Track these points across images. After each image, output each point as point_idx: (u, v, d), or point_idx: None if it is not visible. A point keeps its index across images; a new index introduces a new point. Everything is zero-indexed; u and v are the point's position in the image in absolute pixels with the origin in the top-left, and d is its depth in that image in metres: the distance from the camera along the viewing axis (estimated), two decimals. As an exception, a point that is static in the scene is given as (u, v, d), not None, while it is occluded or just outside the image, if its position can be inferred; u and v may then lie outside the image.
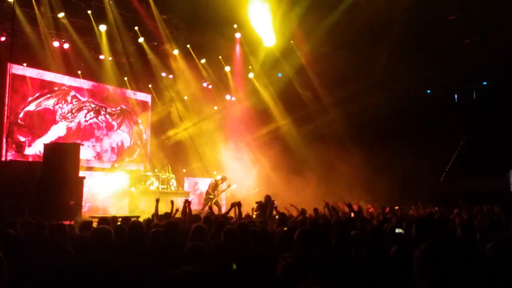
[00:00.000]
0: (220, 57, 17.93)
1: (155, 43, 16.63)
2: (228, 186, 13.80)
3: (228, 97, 19.95)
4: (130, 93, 18.57)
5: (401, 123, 16.94)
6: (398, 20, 14.82)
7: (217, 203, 13.17)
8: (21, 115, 15.09)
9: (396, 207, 9.86)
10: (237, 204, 7.85)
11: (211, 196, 13.16)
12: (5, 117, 13.94)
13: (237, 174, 16.36)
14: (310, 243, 4.15)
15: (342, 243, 4.20)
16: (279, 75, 18.86)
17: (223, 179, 13.73)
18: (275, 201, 8.50)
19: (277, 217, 7.31)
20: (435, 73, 17.63)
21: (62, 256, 4.37)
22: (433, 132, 17.33)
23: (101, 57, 16.29)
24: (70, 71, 16.08)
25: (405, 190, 15.68)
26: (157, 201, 8.04)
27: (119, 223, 7.13)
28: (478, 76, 18.61)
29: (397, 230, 5.36)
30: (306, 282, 2.59)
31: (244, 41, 17.41)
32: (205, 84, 19.25)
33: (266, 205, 8.92)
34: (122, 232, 5.10)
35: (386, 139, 17.01)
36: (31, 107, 15.41)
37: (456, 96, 20.41)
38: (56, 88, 16.14)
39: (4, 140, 14.02)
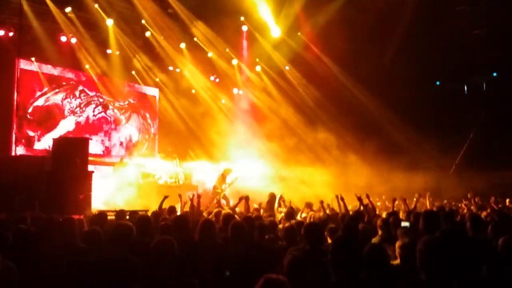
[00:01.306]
0: (227, 49, 17.88)
1: (162, 37, 16.61)
2: (235, 179, 13.77)
3: (235, 90, 19.91)
4: (138, 87, 18.62)
5: (410, 115, 16.80)
6: (408, 11, 14.69)
7: (225, 197, 13.15)
8: (30, 110, 15.17)
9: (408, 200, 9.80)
10: (245, 198, 7.87)
11: (218, 190, 13.15)
12: (14, 112, 14.08)
13: (246, 168, 16.34)
14: (316, 236, 4.16)
15: (349, 236, 4.20)
16: (287, 68, 18.77)
17: (227, 171, 13.69)
18: (283, 195, 8.49)
19: (284, 210, 7.32)
20: (445, 65, 17.47)
21: (72, 250, 4.40)
22: (443, 124, 17.20)
23: (109, 51, 16.30)
24: (78, 66, 16.12)
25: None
26: (165, 197, 8.03)
27: (127, 217, 7.17)
28: (488, 68, 18.41)
29: (403, 224, 5.36)
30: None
31: (251, 34, 17.33)
32: (212, 78, 19.22)
33: (272, 202, 8.94)
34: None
35: (394, 131, 16.90)
36: (40, 102, 15.49)
37: (466, 88, 20.21)
38: (64, 83, 16.21)
39: (14, 135, 14.16)
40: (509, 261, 3.35)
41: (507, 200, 11.36)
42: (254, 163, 16.93)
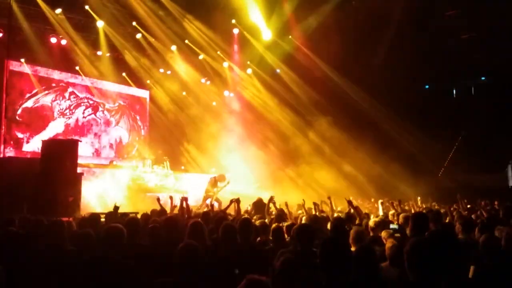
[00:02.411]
0: (218, 52, 17.88)
1: (153, 39, 16.59)
2: (228, 183, 13.73)
3: (226, 93, 19.91)
4: (128, 89, 18.54)
5: (399, 118, 16.91)
6: (397, 15, 14.80)
7: (217, 200, 13.12)
8: (19, 111, 15.06)
9: (395, 202, 9.86)
10: (236, 201, 7.86)
11: (211, 194, 13.11)
12: (3, 114, 13.96)
13: (237, 170, 16.32)
14: (307, 237, 4.17)
15: (338, 237, 4.21)
16: (277, 71, 18.80)
17: (221, 176, 13.67)
18: (274, 197, 8.46)
19: (274, 212, 7.32)
20: (434, 68, 17.61)
21: (60, 252, 4.37)
22: (431, 127, 17.34)
23: (99, 53, 16.23)
24: (68, 67, 16.06)
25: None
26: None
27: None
28: (476, 72, 18.59)
29: (391, 226, 5.41)
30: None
31: (242, 37, 17.35)
32: (203, 80, 19.19)
33: (260, 205, 8.96)
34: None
35: (384, 134, 17.01)
36: (29, 103, 15.38)
37: (454, 91, 20.39)
38: (53, 85, 16.12)
39: (2, 136, 14.02)
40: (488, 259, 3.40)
41: (496, 202, 11.47)
42: (246, 165, 16.91)
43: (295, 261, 3.37)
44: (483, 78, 19.31)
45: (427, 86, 20.28)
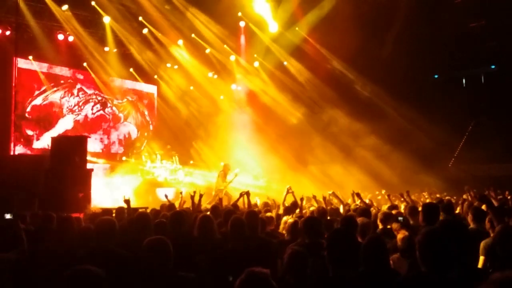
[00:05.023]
0: (225, 46, 17.84)
1: (160, 34, 16.58)
2: (236, 175, 13.74)
3: (234, 86, 19.87)
4: (136, 84, 18.59)
5: (408, 109, 16.79)
6: (405, 4, 14.66)
7: (227, 193, 13.15)
8: (28, 109, 15.17)
9: (404, 193, 9.81)
10: (246, 193, 7.87)
11: (221, 187, 13.14)
12: (13, 111, 14.07)
13: (246, 164, 16.32)
14: (315, 229, 4.16)
15: (347, 229, 4.20)
16: (285, 63, 18.72)
17: (227, 166, 13.68)
18: (290, 187, 8.37)
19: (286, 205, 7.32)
20: (443, 57, 17.43)
21: (69, 247, 4.41)
22: (441, 117, 17.19)
23: (106, 49, 16.26)
24: (76, 64, 16.11)
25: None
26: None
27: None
28: (486, 60, 18.38)
29: (400, 218, 5.39)
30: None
31: (249, 30, 17.29)
32: (210, 74, 19.15)
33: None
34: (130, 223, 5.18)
35: (393, 125, 16.90)
36: (38, 100, 15.48)
37: (464, 80, 20.19)
38: (62, 81, 16.20)
39: (13, 134, 14.15)
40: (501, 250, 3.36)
41: (507, 192, 11.35)
42: (255, 159, 16.90)
43: (303, 253, 3.37)
44: (492, 67, 19.09)
45: (436, 76, 20.10)
